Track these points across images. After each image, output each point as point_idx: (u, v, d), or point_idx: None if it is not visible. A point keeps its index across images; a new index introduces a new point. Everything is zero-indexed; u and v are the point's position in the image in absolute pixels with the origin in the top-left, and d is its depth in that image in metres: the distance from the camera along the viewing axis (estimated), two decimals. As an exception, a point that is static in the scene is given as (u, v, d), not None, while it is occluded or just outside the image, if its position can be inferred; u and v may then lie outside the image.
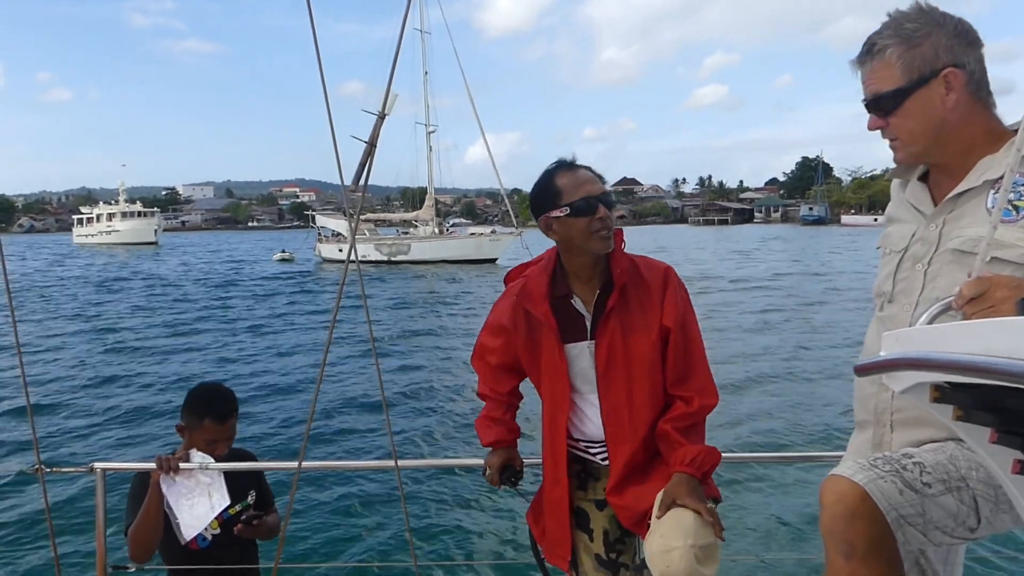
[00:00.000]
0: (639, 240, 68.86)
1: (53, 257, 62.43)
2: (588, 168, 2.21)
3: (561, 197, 2.12)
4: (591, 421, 2.23)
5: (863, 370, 1.31)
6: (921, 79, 1.69)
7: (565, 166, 2.20)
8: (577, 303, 2.20)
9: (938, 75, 1.68)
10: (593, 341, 2.18)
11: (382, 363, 2.82)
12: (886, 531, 1.48)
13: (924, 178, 1.85)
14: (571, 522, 2.25)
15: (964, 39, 1.70)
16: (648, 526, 2.02)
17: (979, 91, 1.71)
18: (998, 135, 1.72)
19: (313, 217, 56.74)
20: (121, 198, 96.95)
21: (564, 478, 2.23)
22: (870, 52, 1.74)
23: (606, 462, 2.23)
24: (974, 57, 1.70)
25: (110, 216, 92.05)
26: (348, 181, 2.33)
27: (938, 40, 1.68)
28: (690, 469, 2.03)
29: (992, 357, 0.95)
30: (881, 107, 1.75)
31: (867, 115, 1.79)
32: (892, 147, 1.81)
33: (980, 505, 1.54)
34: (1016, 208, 1.60)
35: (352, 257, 2.31)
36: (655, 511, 2.00)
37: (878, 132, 1.80)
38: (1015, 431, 1.08)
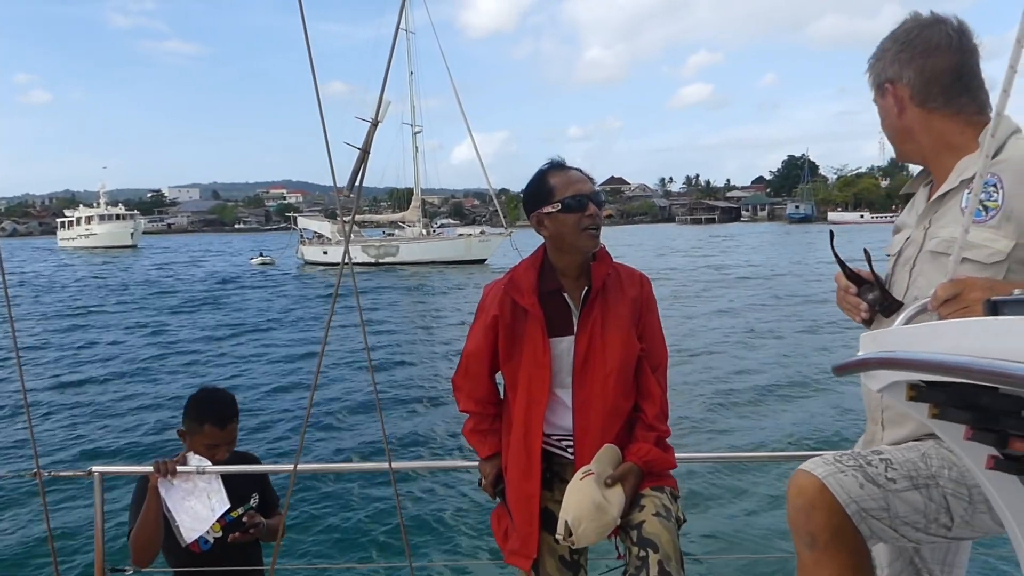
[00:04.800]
0: (625, 239, 68.85)
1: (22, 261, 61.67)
2: (578, 169, 2.30)
3: (553, 194, 2.22)
4: (564, 414, 2.28)
5: (841, 369, 1.36)
6: (878, 91, 1.83)
7: (557, 166, 2.30)
8: (568, 298, 2.27)
9: (881, 89, 1.80)
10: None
11: (374, 366, 2.83)
12: (846, 522, 1.52)
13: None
14: (540, 521, 2.22)
15: (909, 51, 1.75)
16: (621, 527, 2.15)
17: (927, 101, 1.75)
18: (976, 135, 1.75)
19: (295, 219, 56.03)
20: (102, 200, 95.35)
21: (537, 472, 2.23)
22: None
23: (573, 455, 2.26)
24: (916, 69, 1.74)
25: (88, 219, 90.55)
26: (338, 184, 2.37)
27: (888, 55, 1.78)
28: (641, 464, 2.22)
29: (960, 356, 0.99)
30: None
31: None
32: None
33: (951, 504, 1.57)
34: (987, 208, 1.63)
35: (345, 260, 2.34)
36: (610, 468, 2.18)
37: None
38: (989, 428, 1.11)
